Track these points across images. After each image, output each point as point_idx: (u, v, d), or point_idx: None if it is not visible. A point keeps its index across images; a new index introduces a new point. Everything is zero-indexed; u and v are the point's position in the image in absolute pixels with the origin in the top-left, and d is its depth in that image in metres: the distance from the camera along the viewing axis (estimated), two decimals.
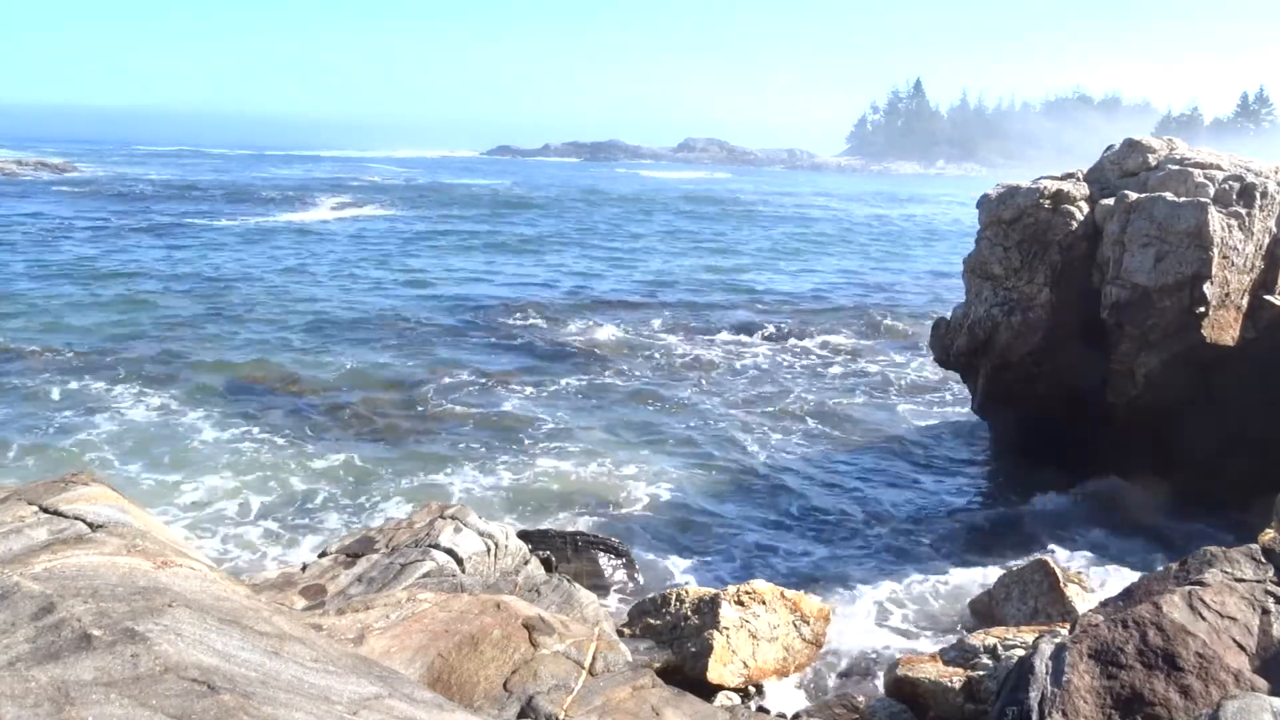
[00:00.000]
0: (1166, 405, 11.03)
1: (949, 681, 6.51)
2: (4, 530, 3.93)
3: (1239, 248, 10.86)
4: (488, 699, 4.73)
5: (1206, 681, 4.63)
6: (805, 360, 19.37)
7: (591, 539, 9.89)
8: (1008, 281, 12.27)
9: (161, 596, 3.41)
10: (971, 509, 12.24)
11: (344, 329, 20.42)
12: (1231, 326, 10.95)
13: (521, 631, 5.22)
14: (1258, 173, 11.39)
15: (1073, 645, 4.96)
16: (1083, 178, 12.78)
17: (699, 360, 18.95)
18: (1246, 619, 4.95)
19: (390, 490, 11.90)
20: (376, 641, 5.00)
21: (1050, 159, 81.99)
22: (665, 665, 7.17)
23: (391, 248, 33.74)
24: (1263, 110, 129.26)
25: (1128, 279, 10.94)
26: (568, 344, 19.86)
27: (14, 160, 64.81)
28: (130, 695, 2.70)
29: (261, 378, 16.42)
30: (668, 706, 4.88)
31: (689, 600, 7.80)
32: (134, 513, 4.47)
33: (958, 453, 14.25)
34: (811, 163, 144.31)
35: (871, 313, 24.47)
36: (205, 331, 19.53)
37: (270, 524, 10.83)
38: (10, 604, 3.13)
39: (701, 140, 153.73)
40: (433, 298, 24.53)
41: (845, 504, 12.09)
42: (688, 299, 25.76)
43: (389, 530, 7.78)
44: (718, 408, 15.83)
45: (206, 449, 12.86)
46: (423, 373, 17.23)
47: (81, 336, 18.54)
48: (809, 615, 7.97)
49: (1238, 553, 5.49)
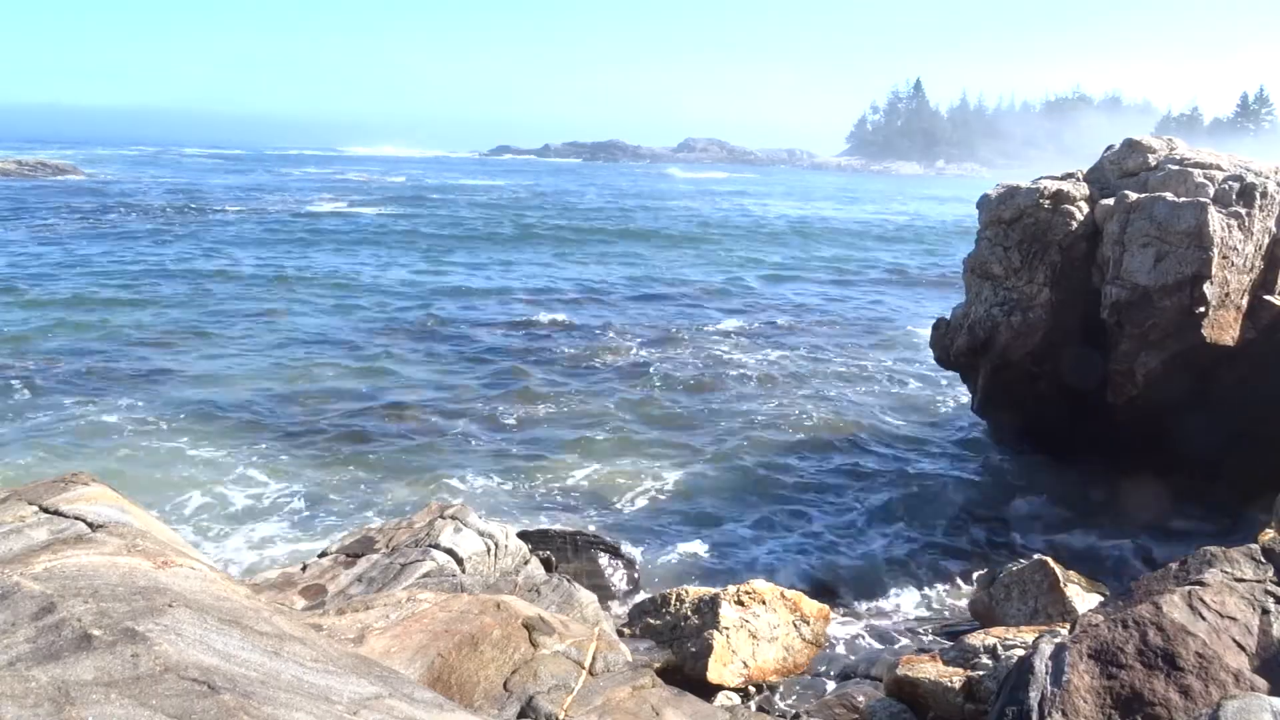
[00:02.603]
0: (1166, 405, 11.03)
1: (949, 681, 6.50)
2: (4, 530, 3.93)
3: (1239, 248, 10.86)
4: (488, 699, 4.73)
5: (1206, 681, 4.63)
6: (804, 361, 19.37)
7: (591, 539, 9.89)
8: (1008, 281, 12.27)
9: (162, 596, 3.41)
10: (971, 508, 12.24)
11: (344, 329, 20.42)
12: (1231, 326, 10.95)
13: (521, 631, 5.22)
14: (1258, 173, 11.39)
15: (1073, 645, 4.96)
16: (1083, 178, 12.78)
17: (699, 361, 18.95)
18: (1246, 619, 4.95)
19: (390, 490, 11.90)
20: (376, 641, 5.00)
21: (1050, 159, 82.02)
22: (665, 665, 7.17)
23: (387, 246, 33.76)
24: (1263, 110, 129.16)
25: (1128, 279, 10.94)
26: (568, 344, 19.86)
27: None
28: (130, 695, 2.70)
29: (261, 378, 16.42)
30: (668, 706, 4.88)
31: (689, 600, 7.80)
32: (134, 513, 4.47)
33: (957, 452, 14.24)
34: (811, 163, 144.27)
35: (872, 313, 24.49)
36: (205, 330, 19.52)
37: (270, 524, 10.83)
38: (10, 604, 3.13)
39: (702, 140, 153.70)
40: (433, 297, 24.53)
41: (845, 504, 12.09)
42: (688, 299, 25.77)
43: (389, 530, 7.78)
44: (717, 408, 15.82)
45: (206, 450, 12.86)
46: (423, 373, 17.23)
47: (73, 339, 18.53)
48: (809, 615, 7.97)
49: (1238, 553, 5.49)
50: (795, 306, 25.25)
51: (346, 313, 22.12)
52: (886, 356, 20.02)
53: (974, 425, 15.00)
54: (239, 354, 17.90)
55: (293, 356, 17.89)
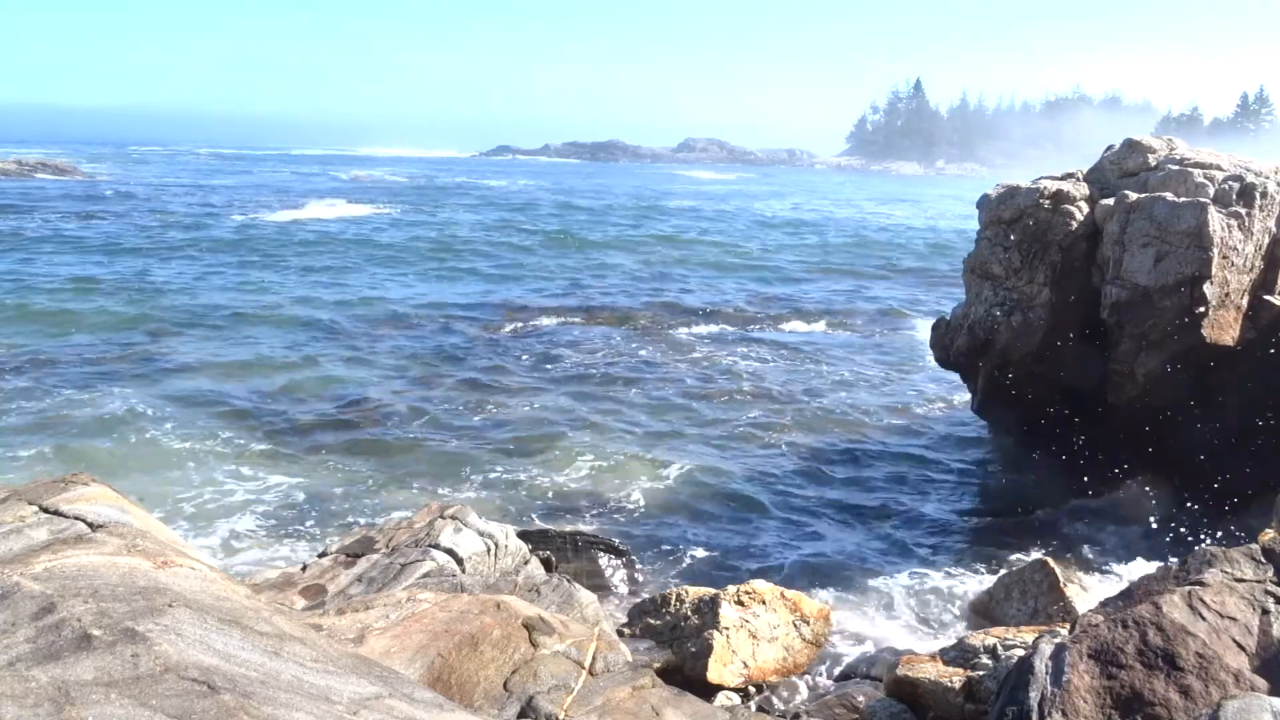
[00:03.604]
0: (1167, 405, 11.03)
1: (949, 681, 6.50)
2: (4, 530, 3.93)
3: (1239, 248, 10.86)
4: (488, 699, 4.73)
5: (1206, 681, 4.63)
6: (804, 361, 19.37)
7: (591, 539, 9.89)
8: (1008, 281, 12.27)
9: (162, 596, 3.41)
10: (971, 509, 12.25)
11: (343, 329, 20.42)
12: (1231, 326, 10.95)
13: (521, 631, 5.22)
14: (1258, 173, 11.39)
15: (1073, 645, 4.96)
16: (1083, 178, 12.78)
17: (698, 361, 18.95)
18: (1246, 619, 4.95)
19: (390, 490, 11.90)
20: (376, 641, 5.00)
21: (1050, 159, 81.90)
22: (665, 665, 7.17)
23: (389, 250, 33.76)
24: (1263, 110, 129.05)
25: (1128, 279, 10.94)
26: (568, 345, 19.86)
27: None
28: (130, 695, 2.70)
29: (261, 378, 16.42)
30: (668, 706, 4.88)
31: (689, 600, 7.80)
32: (134, 513, 4.47)
33: (957, 452, 14.24)
34: (811, 163, 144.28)
35: (873, 314, 24.48)
36: (205, 331, 19.52)
37: (270, 524, 10.83)
38: (10, 604, 3.13)
39: (701, 140, 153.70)
40: (433, 297, 24.53)
41: (845, 504, 12.10)
42: (685, 300, 25.76)
43: (389, 530, 7.78)
44: (718, 408, 15.83)
45: (205, 450, 12.85)
46: (421, 373, 17.23)
47: (68, 339, 18.53)
48: (809, 615, 7.97)
49: (1238, 553, 5.49)
50: (797, 306, 25.24)
51: (346, 313, 22.11)
52: (886, 356, 20.02)
53: (974, 425, 15.00)
54: (239, 352, 17.90)
55: (293, 355, 17.89)
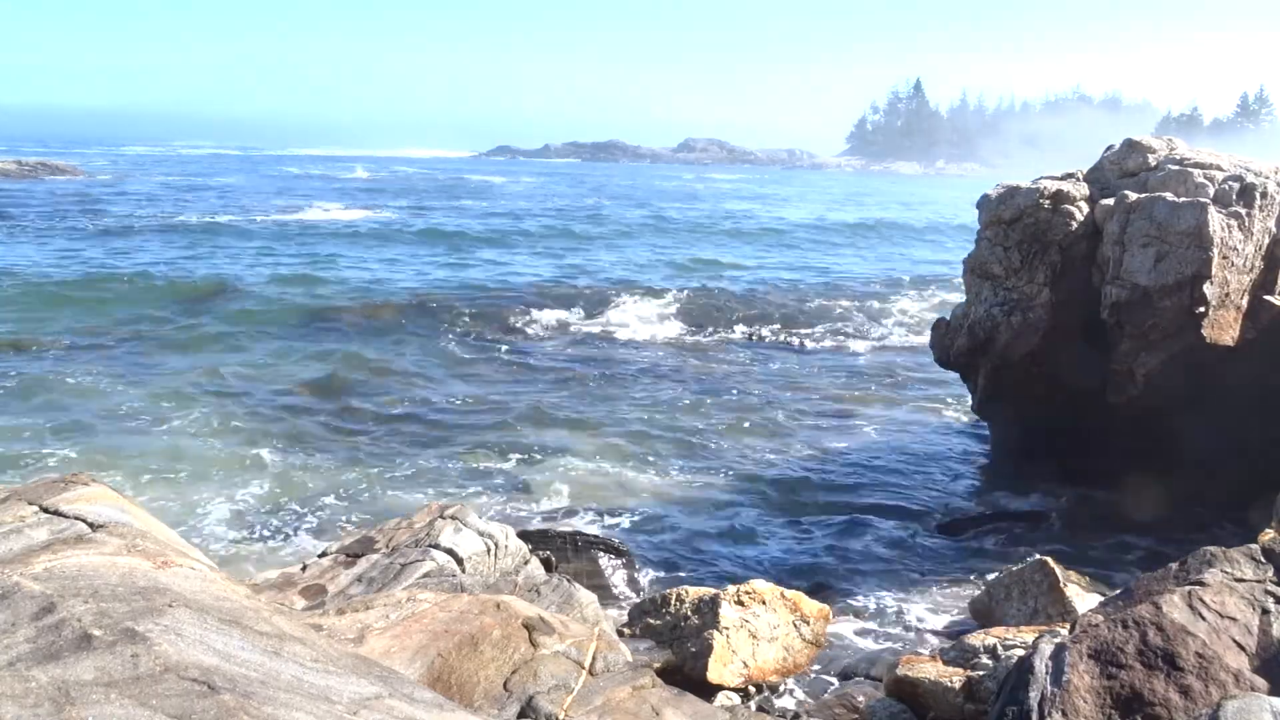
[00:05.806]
0: (1167, 405, 11.03)
1: (949, 681, 6.51)
2: (4, 530, 3.93)
3: (1239, 248, 10.86)
4: (488, 699, 4.73)
5: (1206, 681, 4.63)
6: (804, 361, 19.37)
7: (591, 539, 9.89)
8: (1008, 281, 12.27)
9: (162, 596, 3.41)
10: (971, 509, 12.24)
11: (343, 329, 20.42)
12: (1231, 327, 10.95)
13: (521, 631, 5.23)
14: (1258, 173, 11.39)
15: (1072, 645, 4.96)
16: (1083, 178, 12.78)
17: (698, 361, 18.95)
18: (1246, 619, 4.95)
19: (390, 490, 11.90)
20: (376, 641, 5.00)
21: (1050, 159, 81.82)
22: (665, 665, 7.17)
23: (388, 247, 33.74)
24: (1263, 110, 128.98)
25: (1128, 279, 10.94)
26: (569, 345, 19.86)
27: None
28: (130, 695, 2.70)
29: (260, 378, 16.42)
30: (668, 706, 4.88)
31: (689, 600, 7.80)
32: (134, 513, 4.47)
33: (957, 452, 14.25)
34: (812, 163, 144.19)
35: (872, 313, 24.48)
36: (205, 332, 19.52)
37: (270, 524, 10.83)
38: (10, 604, 3.14)
39: (702, 140, 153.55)
40: (433, 297, 24.52)
41: (845, 504, 12.09)
42: (686, 300, 25.75)
43: (389, 530, 7.78)
44: (717, 408, 15.83)
45: (204, 450, 12.85)
46: (421, 372, 17.23)
47: (62, 334, 18.51)
48: (809, 615, 7.96)
49: (1238, 553, 5.49)
50: (797, 307, 25.23)
51: (347, 311, 22.10)
52: (886, 356, 20.02)
53: (974, 425, 15.00)
54: (238, 352, 17.90)
55: (293, 355, 17.89)
